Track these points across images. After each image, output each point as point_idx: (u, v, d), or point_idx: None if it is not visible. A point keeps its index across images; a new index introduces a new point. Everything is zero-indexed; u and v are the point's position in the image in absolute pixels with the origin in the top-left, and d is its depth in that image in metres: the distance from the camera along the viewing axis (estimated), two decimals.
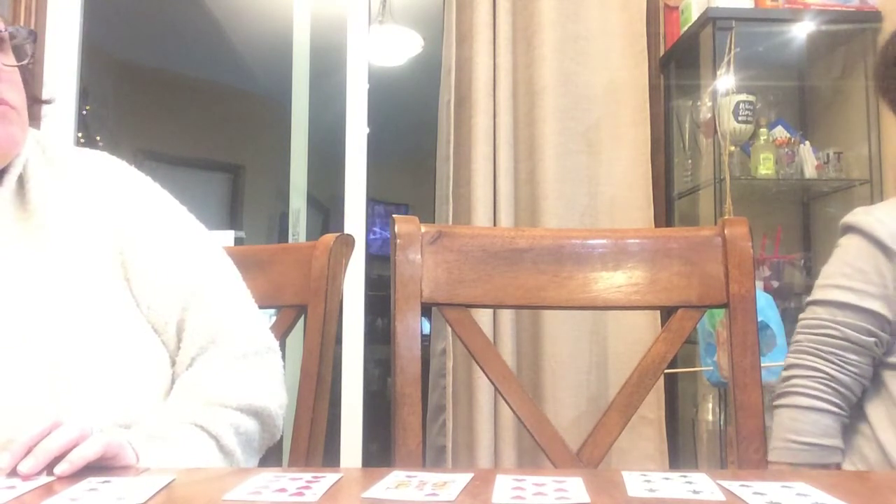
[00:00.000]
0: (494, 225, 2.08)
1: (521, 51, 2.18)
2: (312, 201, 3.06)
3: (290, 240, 2.71)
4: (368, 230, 2.37)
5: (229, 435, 0.81)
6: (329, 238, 1.11)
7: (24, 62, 0.84)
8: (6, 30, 0.82)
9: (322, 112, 2.92)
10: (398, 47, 3.85)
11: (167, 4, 3.88)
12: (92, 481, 0.58)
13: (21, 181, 0.85)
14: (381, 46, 3.75)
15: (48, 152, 0.89)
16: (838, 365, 0.83)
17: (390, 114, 3.87)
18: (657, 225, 2.15)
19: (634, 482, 0.56)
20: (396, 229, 1.03)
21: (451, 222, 2.11)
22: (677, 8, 2.24)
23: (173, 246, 0.90)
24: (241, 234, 3.23)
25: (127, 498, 0.53)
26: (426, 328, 2.83)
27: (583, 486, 0.55)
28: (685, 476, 0.58)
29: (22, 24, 2.18)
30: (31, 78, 0.89)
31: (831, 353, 0.84)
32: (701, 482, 0.56)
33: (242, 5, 3.89)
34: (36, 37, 0.86)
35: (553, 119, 2.11)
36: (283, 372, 0.92)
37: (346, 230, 2.23)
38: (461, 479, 0.57)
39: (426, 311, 1.02)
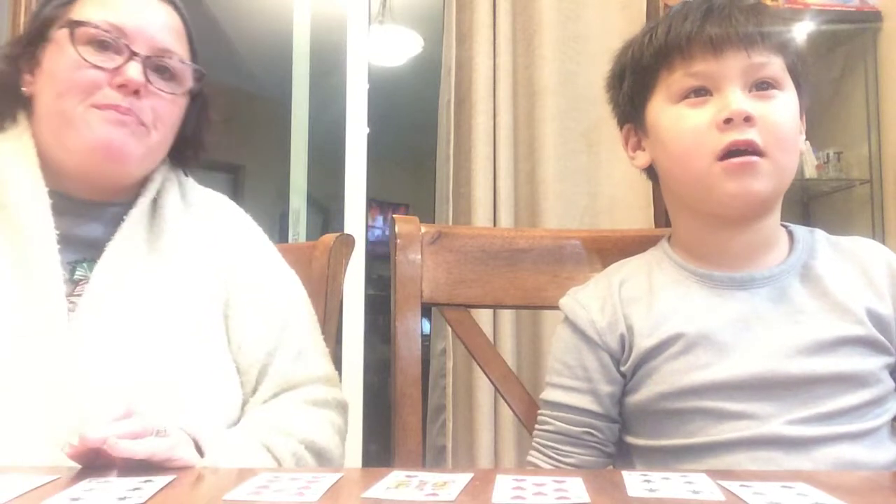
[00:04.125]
0: (494, 225, 2.07)
1: (521, 51, 2.17)
2: (312, 201, 3.05)
3: (290, 240, 2.70)
4: (368, 230, 2.37)
5: (290, 463, 0.83)
6: (329, 238, 1.11)
7: (176, 92, 0.91)
8: (177, 61, 0.92)
9: (322, 112, 2.92)
10: (398, 47, 3.85)
11: None
12: (92, 481, 0.59)
13: (156, 206, 0.92)
14: (381, 46, 3.76)
15: (183, 187, 0.98)
16: (554, 458, 0.88)
17: (390, 114, 3.87)
18: (657, 225, 2.15)
19: (634, 482, 0.56)
20: (396, 229, 1.03)
21: (451, 222, 2.11)
22: None
23: (272, 293, 0.95)
24: None
25: (127, 498, 0.53)
26: (426, 328, 2.83)
27: (583, 486, 0.55)
28: (685, 476, 0.58)
29: (21, 24, 2.18)
30: (202, 117, 0.98)
31: (548, 446, 0.89)
32: (701, 482, 0.56)
33: (242, 5, 3.89)
34: (203, 76, 0.95)
35: (553, 119, 2.11)
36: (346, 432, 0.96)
37: (346, 230, 2.23)
38: (461, 479, 0.57)
39: (426, 311, 1.02)
